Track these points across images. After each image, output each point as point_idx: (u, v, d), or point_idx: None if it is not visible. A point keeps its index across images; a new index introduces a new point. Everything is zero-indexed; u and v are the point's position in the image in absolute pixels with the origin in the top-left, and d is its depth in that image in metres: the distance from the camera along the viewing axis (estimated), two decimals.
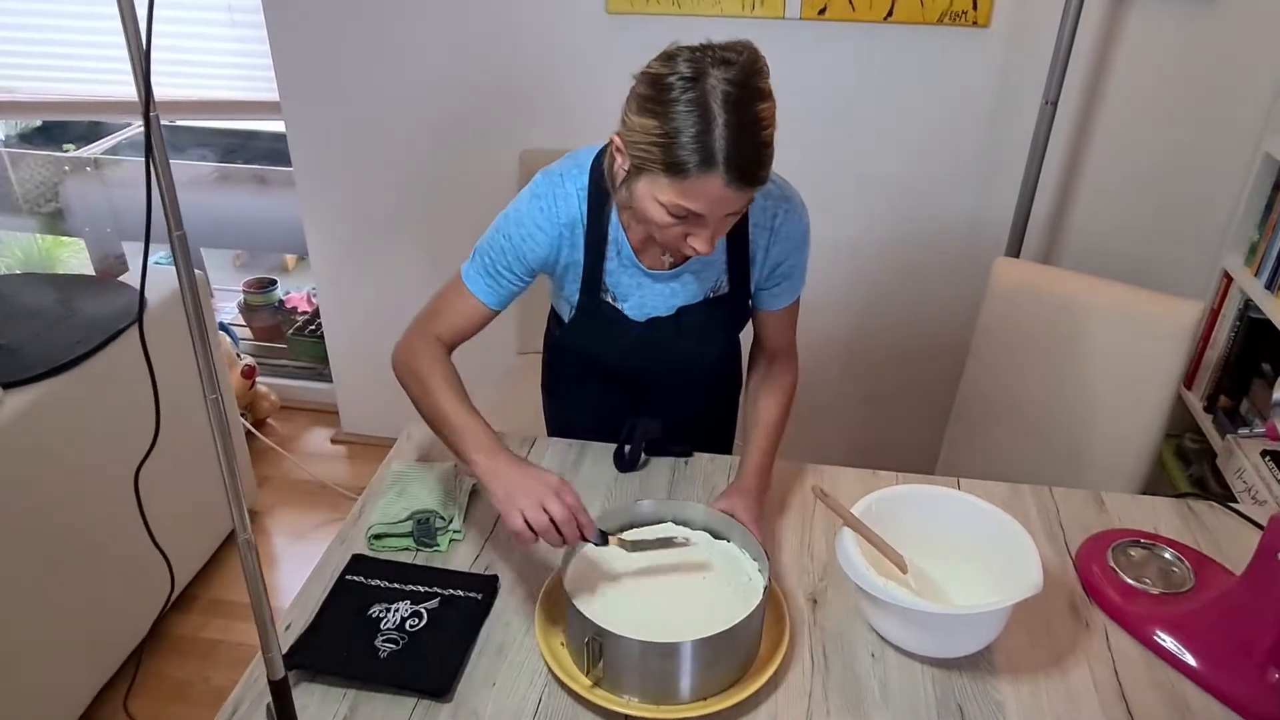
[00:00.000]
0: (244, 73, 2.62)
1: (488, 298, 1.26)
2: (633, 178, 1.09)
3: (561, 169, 1.24)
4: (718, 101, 1.00)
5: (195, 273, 0.62)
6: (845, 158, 2.22)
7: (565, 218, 1.23)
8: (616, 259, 1.27)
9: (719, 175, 1.01)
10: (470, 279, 1.27)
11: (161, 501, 2.07)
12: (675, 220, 1.08)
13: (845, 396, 2.52)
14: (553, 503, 1.06)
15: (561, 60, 2.23)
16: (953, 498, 1.23)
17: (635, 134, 1.05)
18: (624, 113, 1.09)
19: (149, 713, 1.97)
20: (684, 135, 1.00)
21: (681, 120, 1.00)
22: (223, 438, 0.67)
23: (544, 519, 1.06)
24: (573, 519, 1.07)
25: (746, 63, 1.02)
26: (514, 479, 1.09)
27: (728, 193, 1.03)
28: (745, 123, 1.01)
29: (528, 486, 1.07)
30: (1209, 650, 1.10)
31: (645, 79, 1.05)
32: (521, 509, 1.06)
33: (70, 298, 2.03)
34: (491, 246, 1.25)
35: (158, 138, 0.55)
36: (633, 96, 1.07)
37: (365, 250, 2.58)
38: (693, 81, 1.00)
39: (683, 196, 1.05)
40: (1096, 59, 2.03)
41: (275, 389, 2.98)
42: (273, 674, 0.83)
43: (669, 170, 1.03)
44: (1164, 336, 1.60)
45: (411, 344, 1.26)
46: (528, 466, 1.11)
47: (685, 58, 1.03)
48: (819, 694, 1.07)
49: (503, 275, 1.25)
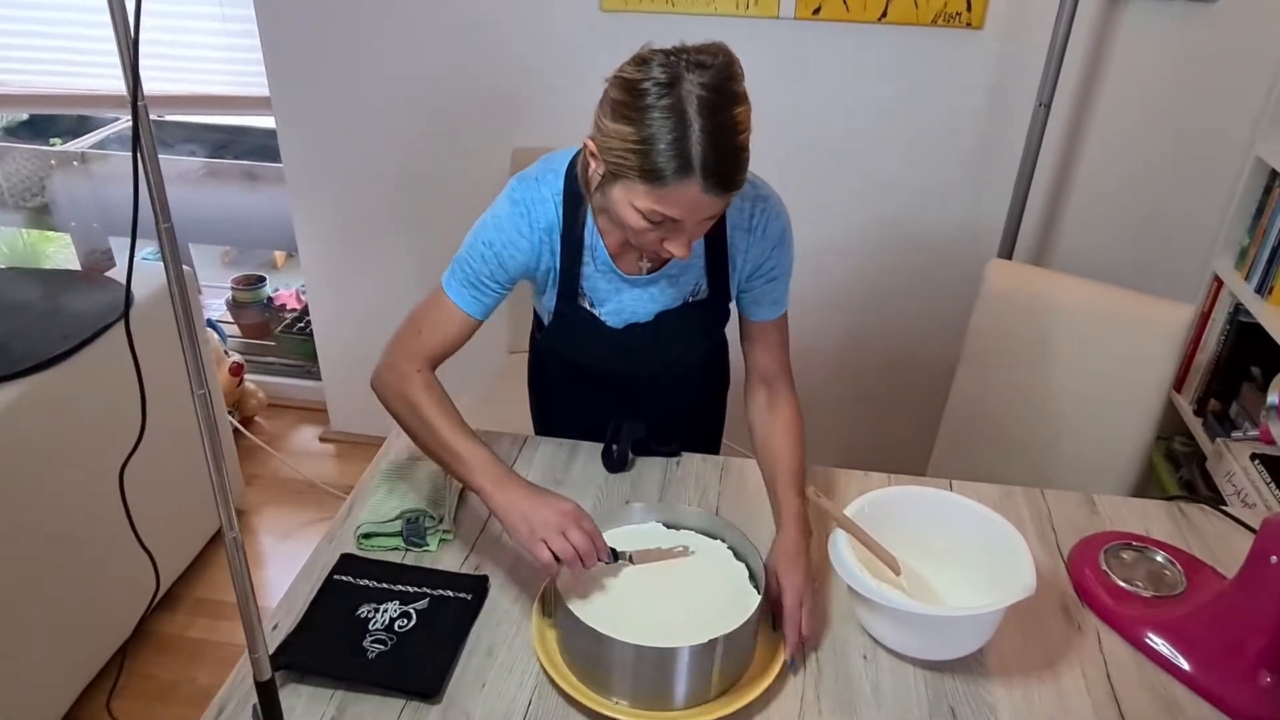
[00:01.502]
0: (234, 68, 2.61)
1: (472, 308, 1.23)
2: (608, 183, 1.08)
3: (537, 173, 1.22)
4: (693, 107, 0.98)
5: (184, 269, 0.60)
6: (838, 158, 2.22)
7: (544, 223, 1.21)
8: (593, 264, 1.26)
9: (696, 181, 1.00)
10: (453, 290, 1.23)
11: (148, 499, 2.04)
12: (651, 226, 1.07)
13: (837, 398, 2.52)
14: (574, 532, 1.05)
15: (555, 58, 2.21)
16: (945, 499, 1.23)
17: (610, 140, 1.03)
18: (597, 117, 1.07)
19: (134, 713, 1.95)
20: (660, 142, 0.99)
21: (657, 126, 0.99)
22: (210, 434, 0.66)
23: (570, 550, 1.04)
24: (593, 548, 1.06)
25: (722, 66, 1.01)
26: (530, 509, 1.07)
27: (705, 198, 1.03)
28: (722, 128, 0.99)
29: (546, 517, 1.06)
30: (1201, 653, 1.10)
31: (619, 84, 1.03)
32: (545, 539, 1.04)
33: (56, 293, 2.01)
34: (472, 256, 1.22)
35: (145, 129, 0.54)
36: (606, 101, 1.05)
37: (355, 247, 2.56)
38: (668, 87, 0.99)
39: (659, 203, 1.03)
40: (1090, 62, 2.04)
41: (263, 386, 2.96)
42: (259, 674, 0.81)
43: (645, 177, 1.02)
44: (1155, 339, 1.60)
45: (398, 368, 1.22)
46: (541, 494, 1.10)
47: (659, 62, 1.01)
48: (811, 695, 1.07)
49: (485, 285, 1.23)
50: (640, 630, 1.00)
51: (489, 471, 1.11)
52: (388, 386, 1.22)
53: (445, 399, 1.20)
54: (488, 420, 1.74)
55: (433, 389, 1.20)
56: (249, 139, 3.14)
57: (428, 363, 1.23)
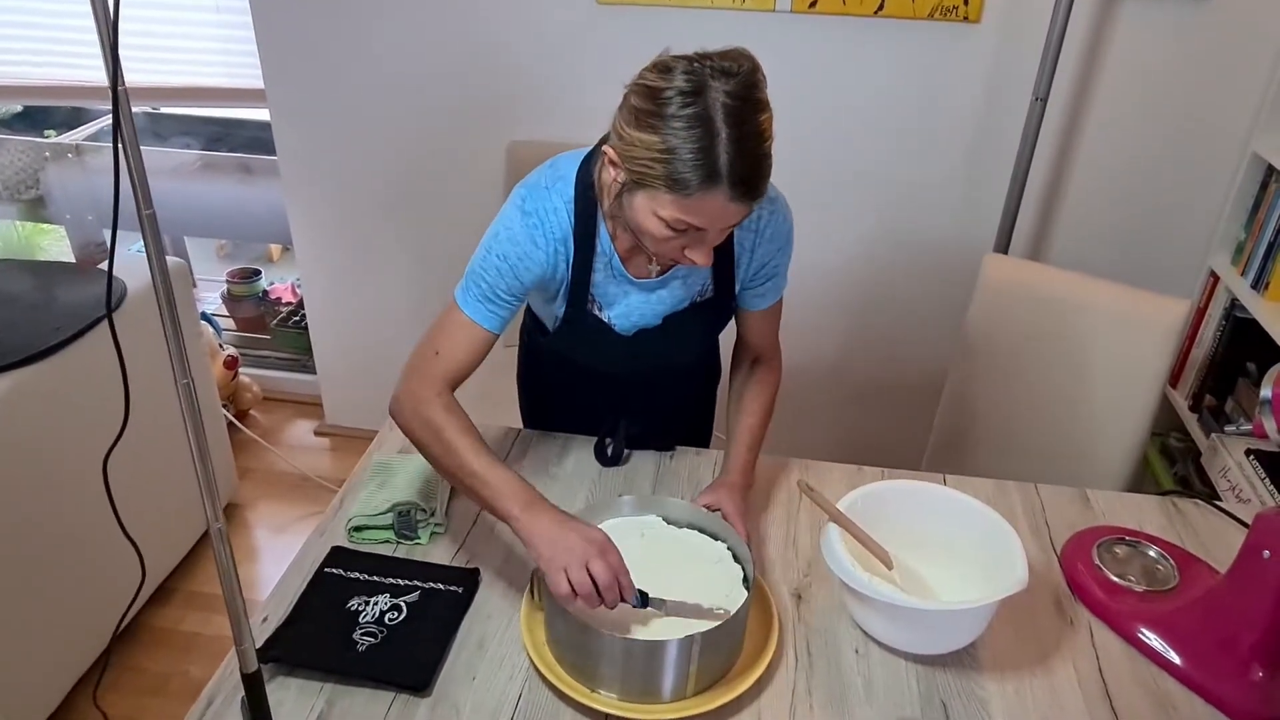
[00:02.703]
0: (229, 60, 2.59)
1: (489, 323, 1.20)
2: (629, 191, 1.06)
3: (545, 181, 1.19)
4: (719, 116, 0.97)
5: (177, 261, 0.60)
6: (834, 152, 2.21)
7: (559, 233, 1.18)
8: (605, 270, 1.24)
9: (723, 190, 0.99)
10: (469, 307, 1.19)
11: (142, 492, 2.04)
12: (674, 234, 1.05)
13: (831, 392, 2.52)
14: (596, 564, 1.02)
15: (551, 51, 2.20)
16: (939, 494, 1.22)
17: (633, 148, 1.01)
18: (617, 124, 1.05)
19: (127, 706, 1.94)
20: (686, 151, 0.97)
21: (683, 135, 0.97)
22: (194, 422, 0.65)
23: (588, 583, 1.01)
24: (615, 583, 1.02)
25: (746, 74, 0.99)
26: (557, 536, 1.04)
27: (731, 207, 1.01)
28: (748, 136, 0.98)
29: (571, 545, 1.03)
30: (1193, 648, 1.09)
31: (641, 91, 1.01)
32: (565, 568, 1.01)
33: (49, 285, 2.00)
34: (486, 270, 1.18)
35: (126, 113, 0.53)
36: (627, 108, 1.03)
37: (350, 240, 2.56)
38: (693, 95, 0.97)
39: (685, 212, 1.02)
40: (1086, 56, 2.03)
41: (258, 380, 2.95)
42: (245, 667, 0.81)
43: (671, 187, 1.00)
44: (1151, 334, 1.60)
45: (418, 393, 1.17)
46: (570, 521, 1.07)
47: (683, 69, 0.99)
48: (802, 690, 1.06)
49: (501, 299, 1.19)
50: (629, 623, 1.00)
51: (517, 496, 1.08)
52: (408, 412, 1.18)
53: (468, 422, 1.16)
54: (481, 414, 1.74)
55: (454, 412, 1.16)
56: (244, 132, 3.12)
57: (447, 385, 1.19)
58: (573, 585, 1.00)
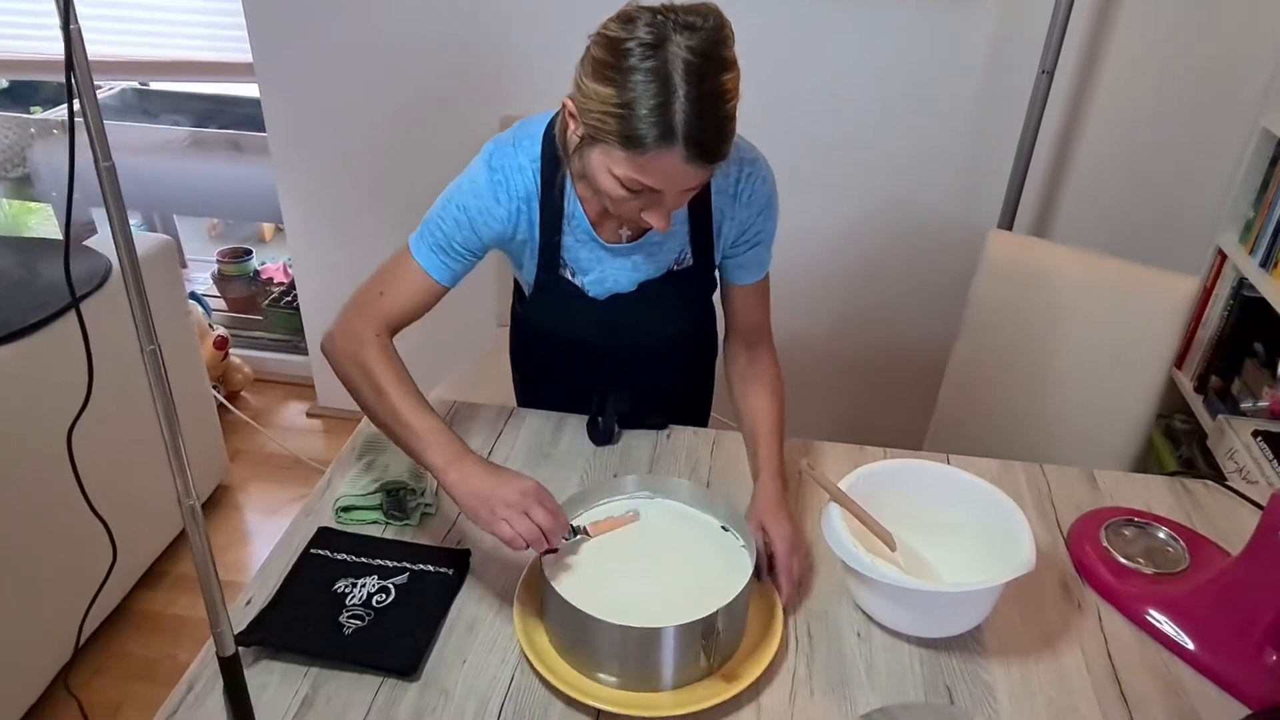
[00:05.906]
0: (217, 33, 2.54)
1: (440, 274, 1.18)
2: (586, 146, 1.03)
3: (513, 138, 1.17)
4: (679, 72, 0.93)
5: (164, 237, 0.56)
6: (835, 128, 2.17)
7: (522, 192, 1.16)
8: (572, 233, 1.21)
9: (678, 151, 0.95)
10: (421, 254, 1.18)
11: (129, 474, 2.00)
12: (630, 194, 1.02)
13: (833, 370, 2.48)
14: (538, 511, 1.00)
15: (543, 23, 2.15)
16: (943, 473, 1.19)
17: (590, 101, 0.98)
18: (578, 75, 1.01)
19: (113, 692, 1.91)
20: (641, 107, 0.94)
21: (640, 90, 0.93)
22: (161, 391, 0.62)
23: (535, 530, 0.99)
24: (558, 525, 1.01)
25: (712, 29, 0.95)
26: (489, 490, 1.02)
27: (687, 169, 0.98)
28: (707, 95, 0.94)
29: (506, 495, 1.01)
30: (1205, 631, 1.06)
31: (601, 41, 0.97)
32: (506, 519, 1.00)
33: (32, 261, 1.95)
34: (444, 219, 1.17)
35: (80, 54, 0.49)
36: (587, 59, 0.99)
37: (342, 219, 2.51)
38: (653, 48, 0.93)
39: (638, 171, 0.99)
40: (1093, 29, 1.98)
41: (249, 361, 2.91)
42: (222, 650, 0.77)
43: (624, 143, 0.96)
44: (1158, 312, 1.56)
45: (354, 330, 1.16)
46: (499, 472, 1.05)
47: (645, 21, 0.95)
48: (803, 674, 1.03)
49: (456, 251, 1.17)
50: (629, 609, 0.96)
51: (444, 448, 1.06)
52: (340, 349, 1.16)
53: (402, 368, 1.14)
54: (477, 394, 1.70)
55: (389, 356, 1.14)
56: (236, 109, 3.07)
57: (386, 328, 1.17)
58: (520, 535, 0.99)
